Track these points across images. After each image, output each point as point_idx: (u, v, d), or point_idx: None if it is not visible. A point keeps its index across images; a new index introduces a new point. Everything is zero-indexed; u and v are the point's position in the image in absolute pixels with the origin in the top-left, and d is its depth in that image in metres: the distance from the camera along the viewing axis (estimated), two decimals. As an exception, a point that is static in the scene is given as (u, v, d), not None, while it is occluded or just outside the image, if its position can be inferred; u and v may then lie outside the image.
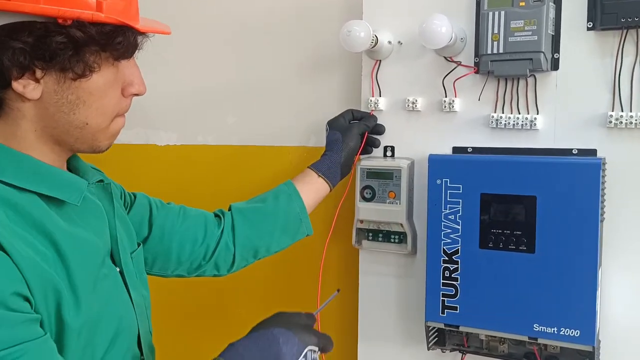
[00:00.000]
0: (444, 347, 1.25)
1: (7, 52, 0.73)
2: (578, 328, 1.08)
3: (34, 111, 0.78)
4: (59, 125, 0.80)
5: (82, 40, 0.75)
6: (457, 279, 1.17)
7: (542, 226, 1.10)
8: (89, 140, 0.83)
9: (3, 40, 0.72)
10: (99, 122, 0.82)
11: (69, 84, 0.78)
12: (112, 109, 0.83)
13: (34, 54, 0.74)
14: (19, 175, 0.77)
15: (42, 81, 0.76)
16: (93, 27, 0.75)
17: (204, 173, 1.70)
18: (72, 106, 0.79)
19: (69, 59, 0.75)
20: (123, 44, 0.79)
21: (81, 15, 0.74)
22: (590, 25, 1.12)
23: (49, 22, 0.73)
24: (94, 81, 0.79)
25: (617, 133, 1.12)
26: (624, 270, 1.13)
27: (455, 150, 1.25)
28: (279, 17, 1.57)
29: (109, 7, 0.76)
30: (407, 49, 1.29)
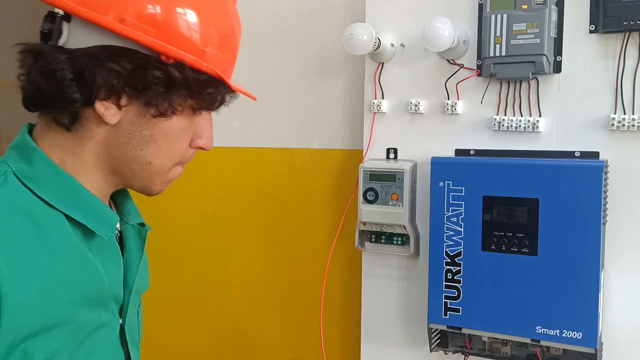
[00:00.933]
0: (446, 348, 1.25)
1: (103, 71, 0.73)
2: (580, 330, 1.08)
3: (104, 136, 0.77)
4: (123, 157, 0.79)
5: (178, 81, 0.75)
6: (459, 281, 1.17)
7: (544, 228, 1.10)
8: (145, 180, 0.82)
9: (103, 59, 0.73)
10: (161, 165, 0.81)
11: (147, 119, 0.77)
12: (178, 155, 0.82)
13: (128, 80, 0.74)
14: (56, 193, 0.76)
15: (124, 109, 0.76)
16: (191, 72, 0.76)
17: (209, 174, 1.71)
18: (142, 142, 0.78)
19: (157, 95, 0.75)
20: (212, 96, 0.80)
21: (184, 58, 0.74)
22: (593, 28, 1.12)
23: (152, 56, 0.74)
24: (171, 123, 0.78)
25: (619, 135, 1.12)
26: (627, 272, 1.13)
27: (458, 153, 1.25)
28: (283, 20, 1.58)
29: (210, 58, 0.77)
30: (409, 52, 1.29)
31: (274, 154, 1.61)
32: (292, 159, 1.59)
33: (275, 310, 1.64)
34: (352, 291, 1.48)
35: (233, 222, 1.68)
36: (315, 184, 1.56)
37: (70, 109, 0.74)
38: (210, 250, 1.72)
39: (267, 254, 1.64)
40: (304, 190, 1.58)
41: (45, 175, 0.76)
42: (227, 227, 1.69)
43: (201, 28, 0.76)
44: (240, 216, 1.67)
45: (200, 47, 0.76)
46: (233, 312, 1.70)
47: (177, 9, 0.74)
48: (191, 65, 0.75)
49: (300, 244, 1.59)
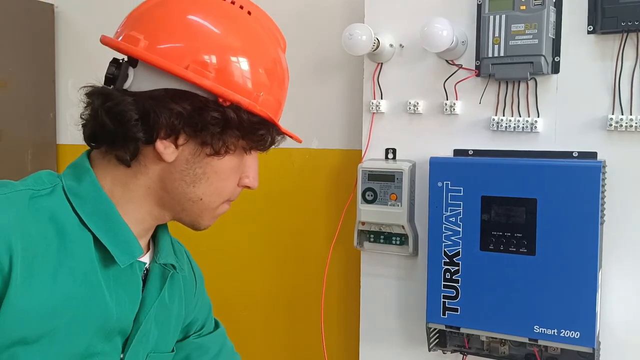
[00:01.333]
0: (445, 348, 1.26)
1: (166, 112, 0.77)
2: (578, 330, 1.09)
3: (159, 172, 0.82)
4: (175, 192, 0.83)
5: (233, 122, 0.80)
6: (458, 280, 1.18)
7: (542, 228, 1.11)
8: (195, 215, 0.86)
9: (167, 101, 0.78)
10: (211, 201, 0.85)
11: (201, 158, 0.81)
12: (227, 193, 0.86)
13: (188, 121, 0.78)
14: (91, 213, 0.79)
15: (181, 148, 0.80)
16: (246, 114, 0.80)
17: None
18: (195, 179, 0.82)
19: (213, 135, 0.79)
20: (264, 137, 0.84)
21: (240, 101, 0.79)
22: (591, 29, 1.12)
23: (210, 98, 0.79)
24: (223, 162, 0.82)
25: (617, 136, 1.12)
26: (624, 272, 1.14)
27: (456, 153, 1.26)
28: (281, 20, 1.58)
29: (263, 102, 0.83)
30: (408, 52, 1.30)
31: (273, 154, 1.60)
32: (291, 159, 1.59)
33: (274, 310, 1.64)
34: (350, 291, 1.48)
35: (232, 222, 1.68)
36: (314, 184, 1.56)
37: (132, 147, 0.79)
38: (209, 250, 1.72)
39: (266, 254, 1.64)
40: (303, 190, 1.58)
41: (88, 194, 0.80)
42: (226, 227, 1.69)
43: (255, 75, 0.82)
44: (239, 216, 1.67)
45: (254, 92, 0.82)
46: (231, 312, 1.70)
47: (231, 57, 0.80)
48: (246, 108, 0.80)
49: (299, 244, 1.60)
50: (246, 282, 1.67)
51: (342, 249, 1.49)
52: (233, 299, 1.69)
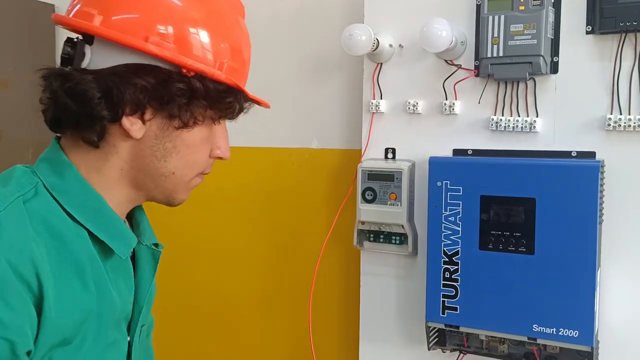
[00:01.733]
0: (444, 347, 1.26)
1: (129, 88, 0.76)
2: (577, 329, 1.09)
3: (129, 150, 0.80)
4: (146, 169, 0.82)
5: (199, 92, 0.79)
6: (457, 279, 1.18)
7: (541, 228, 1.11)
8: (169, 191, 0.85)
9: (129, 76, 0.76)
10: (183, 174, 0.84)
11: (170, 131, 0.80)
12: (199, 165, 0.86)
13: (153, 94, 0.77)
14: (83, 210, 0.79)
15: (148, 123, 0.79)
16: (211, 83, 0.79)
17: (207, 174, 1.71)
18: (166, 153, 0.81)
19: (180, 106, 0.78)
20: (232, 105, 0.84)
21: (205, 70, 0.78)
22: (589, 29, 1.13)
23: (173, 70, 0.77)
24: (193, 134, 0.82)
25: (615, 136, 1.13)
26: (623, 271, 1.14)
27: (456, 153, 1.26)
28: (281, 20, 1.59)
29: (227, 69, 0.81)
30: (408, 52, 1.30)
31: (273, 154, 1.62)
32: (290, 159, 1.60)
33: (274, 310, 1.65)
34: (350, 290, 1.49)
35: (231, 222, 1.69)
36: (313, 184, 1.57)
37: (98, 127, 0.77)
38: (207, 250, 1.72)
39: (266, 253, 1.65)
40: (303, 190, 1.58)
41: (75, 190, 0.79)
42: (225, 227, 1.70)
43: (216, 42, 0.80)
44: (238, 216, 1.68)
45: (217, 60, 0.80)
46: (230, 311, 1.70)
47: (190, 27, 0.78)
48: (211, 76, 0.79)
49: (298, 244, 1.60)
50: (246, 282, 1.67)
51: (342, 248, 1.49)
52: (232, 299, 1.70)
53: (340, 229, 1.43)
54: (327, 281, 1.47)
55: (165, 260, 1.80)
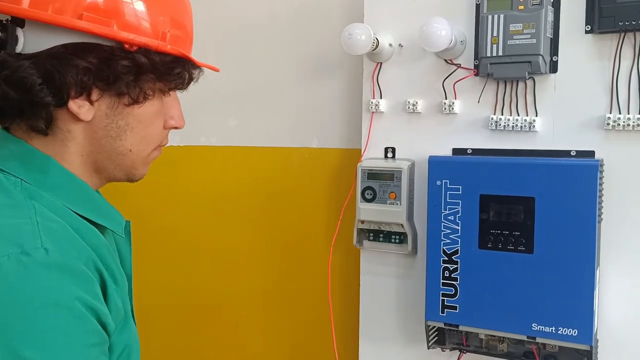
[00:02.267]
0: (443, 346, 1.26)
1: (71, 70, 0.73)
2: (576, 327, 1.09)
3: (83, 134, 0.78)
4: (104, 150, 0.80)
5: (146, 66, 0.77)
6: (456, 278, 1.18)
7: (540, 227, 1.12)
8: (128, 168, 0.84)
9: (69, 58, 0.73)
10: (141, 150, 0.83)
11: (121, 109, 0.79)
12: (155, 139, 0.85)
13: (98, 75, 0.75)
14: (75, 200, 0.78)
15: (96, 104, 0.77)
16: (157, 56, 0.78)
17: (207, 174, 1.71)
18: (120, 132, 0.80)
19: (127, 84, 0.77)
20: (181, 75, 0.82)
21: (148, 43, 0.76)
22: (589, 29, 1.13)
23: (115, 47, 0.75)
24: (144, 109, 0.80)
25: (614, 135, 1.13)
26: (622, 270, 1.14)
27: (455, 152, 1.26)
28: (281, 20, 1.59)
29: (171, 39, 0.79)
30: (407, 52, 1.30)
31: (272, 154, 1.62)
32: (290, 159, 1.60)
33: (274, 309, 1.65)
34: (350, 289, 1.49)
35: (231, 222, 1.69)
36: (313, 183, 1.57)
37: (43, 113, 0.75)
38: (208, 249, 1.72)
39: (266, 253, 1.65)
40: (303, 189, 1.59)
41: (62, 183, 0.78)
42: (225, 226, 1.70)
43: (154, 13, 0.78)
44: (238, 216, 1.68)
45: (159, 31, 0.78)
46: (230, 311, 1.71)
47: (124, 0, 0.76)
48: (156, 49, 0.77)
49: (298, 243, 1.60)
50: (245, 281, 1.67)
51: (342, 248, 1.49)
52: (232, 298, 1.70)
53: (340, 228, 1.43)
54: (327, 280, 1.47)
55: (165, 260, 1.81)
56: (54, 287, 0.66)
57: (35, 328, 0.64)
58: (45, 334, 0.64)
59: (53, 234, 0.70)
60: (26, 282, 0.65)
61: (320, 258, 1.52)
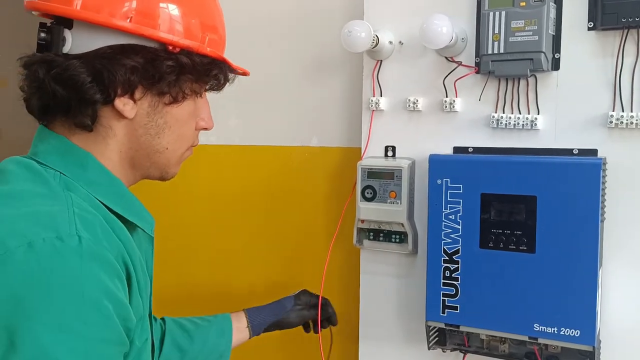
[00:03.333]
0: (444, 346, 1.25)
1: (120, 68, 0.76)
2: (578, 328, 1.08)
3: (124, 131, 0.81)
4: (142, 148, 0.83)
5: (187, 66, 0.81)
6: (457, 278, 1.17)
7: (542, 226, 1.10)
8: (163, 166, 0.87)
9: (117, 57, 0.76)
10: (176, 149, 0.87)
11: (161, 108, 0.82)
12: (189, 139, 0.88)
13: (144, 73, 0.78)
14: (111, 197, 0.80)
15: (139, 102, 0.80)
16: (197, 57, 0.82)
17: (207, 173, 1.71)
18: (159, 130, 0.83)
19: (169, 83, 0.80)
20: (217, 77, 0.86)
21: (190, 45, 0.80)
22: (591, 25, 1.12)
23: (159, 48, 0.79)
24: (181, 109, 0.84)
25: (617, 133, 1.12)
26: (625, 270, 1.13)
27: (456, 150, 1.25)
28: (281, 18, 1.58)
29: (210, 42, 0.84)
30: (408, 49, 1.29)
31: (272, 152, 1.61)
32: (290, 157, 1.59)
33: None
34: (350, 289, 1.48)
35: (231, 221, 1.68)
36: (313, 182, 1.56)
37: (90, 110, 0.78)
38: (208, 249, 1.72)
39: (266, 253, 1.64)
40: (302, 188, 1.58)
41: (99, 179, 0.80)
42: (225, 225, 1.69)
43: (196, 16, 0.83)
44: (238, 215, 1.67)
45: (200, 34, 0.82)
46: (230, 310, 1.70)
47: (169, 3, 0.80)
48: (197, 51, 0.81)
49: (298, 242, 1.59)
50: (245, 281, 1.67)
51: (342, 247, 1.48)
52: (233, 298, 1.69)
53: (340, 228, 1.42)
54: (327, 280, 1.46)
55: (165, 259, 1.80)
56: (84, 275, 0.67)
57: (57, 312, 0.65)
58: (64, 319, 0.65)
59: (88, 224, 0.71)
60: (58, 267, 0.66)
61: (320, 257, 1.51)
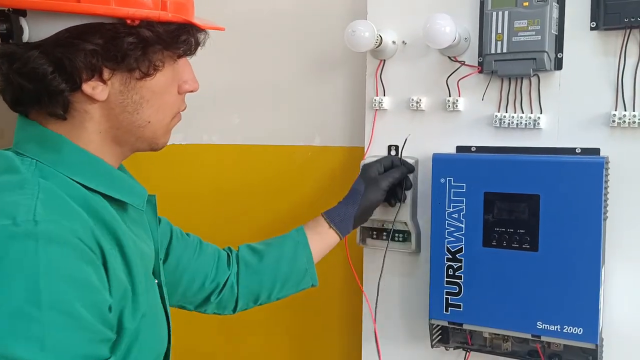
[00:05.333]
0: (447, 344, 1.25)
1: (79, 54, 0.74)
2: (581, 326, 1.09)
3: (100, 112, 0.80)
4: (123, 126, 0.82)
5: (151, 39, 0.77)
6: (460, 277, 1.18)
7: (545, 225, 1.11)
8: (150, 139, 0.85)
9: (75, 43, 0.74)
10: (159, 120, 0.84)
11: (134, 83, 0.80)
12: (172, 107, 0.86)
13: (106, 55, 0.75)
14: (91, 176, 0.79)
15: (109, 82, 0.78)
16: (160, 27, 0.78)
17: (209, 172, 1.71)
18: (136, 106, 0.81)
19: (136, 59, 0.77)
20: (187, 42, 0.82)
21: (149, 15, 0.76)
22: (594, 25, 1.12)
23: (117, 24, 0.75)
24: (157, 80, 0.81)
25: (620, 132, 1.12)
26: (627, 268, 1.14)
27: (459, 150, 1.26)
28: (284, 17, 1.58)
29: (172, 6, 0.78)
30: (411, 49, 1.30)
31: (275, 152, 1.62)
32: (293, 157, 1.59)
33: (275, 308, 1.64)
34: (353, 288, 1.48)
35: (233, 220, 1.68)
36: (316, 182, 1.56)
37: (60, 100, 0.76)
38: (211, 247, 1.72)
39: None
40: (305, 187, 1.58)
41: (76, 160, 0.79)
42: (228, 225, 1.69)
43: None
44: (240, 214, 1.67)
45: (159, 0, 0.77)
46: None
47: None
48: (158, 19, 0.77)
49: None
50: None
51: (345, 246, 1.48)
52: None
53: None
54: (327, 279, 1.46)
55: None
56: (39, 258, 0.67)
57: (8, 297, 0.65)
58: (16, 303, 0.65)
59: (51, 209, 0.71)
60: (11, 251, 0.66)
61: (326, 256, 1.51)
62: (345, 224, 1.20)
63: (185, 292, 1.13)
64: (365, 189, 1.20)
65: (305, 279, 1.21)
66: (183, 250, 1.12)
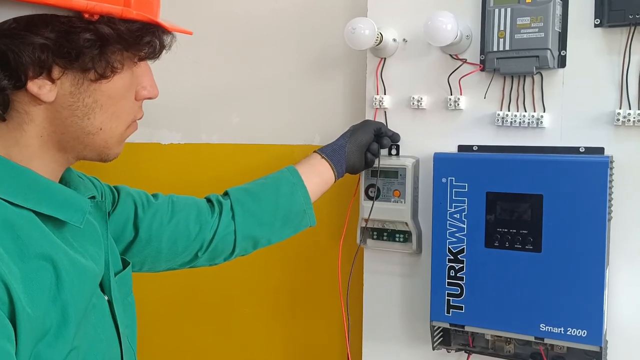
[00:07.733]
0: (449, 346, 1.24)
1: (26, 48, 0.65)
2: (585, 328, 1.07)
3: (44, 115, 0.71)
4: (69, 131, 0.73)
5: (111, 37, 0.69)
6: (462, 278, 1.16)
7: (548, 225, 1.09)
8: (100, 148, 0.77)
9: (22, 35, 0.65)
10: (113, 128, 0.76)
11: (87, 85, 0.71)
12: (127, 114, 0.77)
13: (57, 51, 0.67)
14: (17, 190, 0.70)
15: (59, 82, 0.69)
16: (122, 24, 0.69)
17: (208, 172, 1.69)
18: (87, 110, 0.72)
19: (92, 58, 0.69)
20: (151, 44, 0.74)
21: (111, 10, 0.67)
22: (598, 22, 1.10)
23: (73, 17, 0.66)
24: (113, 83, 0.73)
25: (624, 131, 1.11)
26: (632, 269, 1.12)
27: (461, 149, 1.24)
28: (284, 15, 1.57)
29: (137, 4, 0.70)
30: (412, 47, 1.28)
31: (274, 151, 1.60)
32: (292, 156, 1.58)
33: (277, 308, 1.63)
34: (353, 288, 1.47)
35: (233, 220, 1.67)
36: (316, 181, 1.54)
37: (0, 98, 0.68)
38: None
39: (268, 252, 1.63)
40: (305, 187, 1.56)
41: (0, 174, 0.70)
42: (228, 224, 1.68)
43: None
44: (240, 213, 1.66)
45: None
46: (233, 311, 1.69)
47: None
48: (120, 16, 0.68)
49: (301, 242, 1.58)
50: (248, 280, 1.66)
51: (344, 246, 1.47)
52: (235, 297, 1.68)
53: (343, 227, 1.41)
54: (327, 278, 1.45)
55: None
56: None
57: None
58: None
59: None
60: None
61: (323, 256, 1.50)
62: (337, 156, 1.19)
63: (168, 256, 1.04)
64: (354, 131, 1.23)
65: (304, 220, 1.18)
66: (152, 218, 1.02)
